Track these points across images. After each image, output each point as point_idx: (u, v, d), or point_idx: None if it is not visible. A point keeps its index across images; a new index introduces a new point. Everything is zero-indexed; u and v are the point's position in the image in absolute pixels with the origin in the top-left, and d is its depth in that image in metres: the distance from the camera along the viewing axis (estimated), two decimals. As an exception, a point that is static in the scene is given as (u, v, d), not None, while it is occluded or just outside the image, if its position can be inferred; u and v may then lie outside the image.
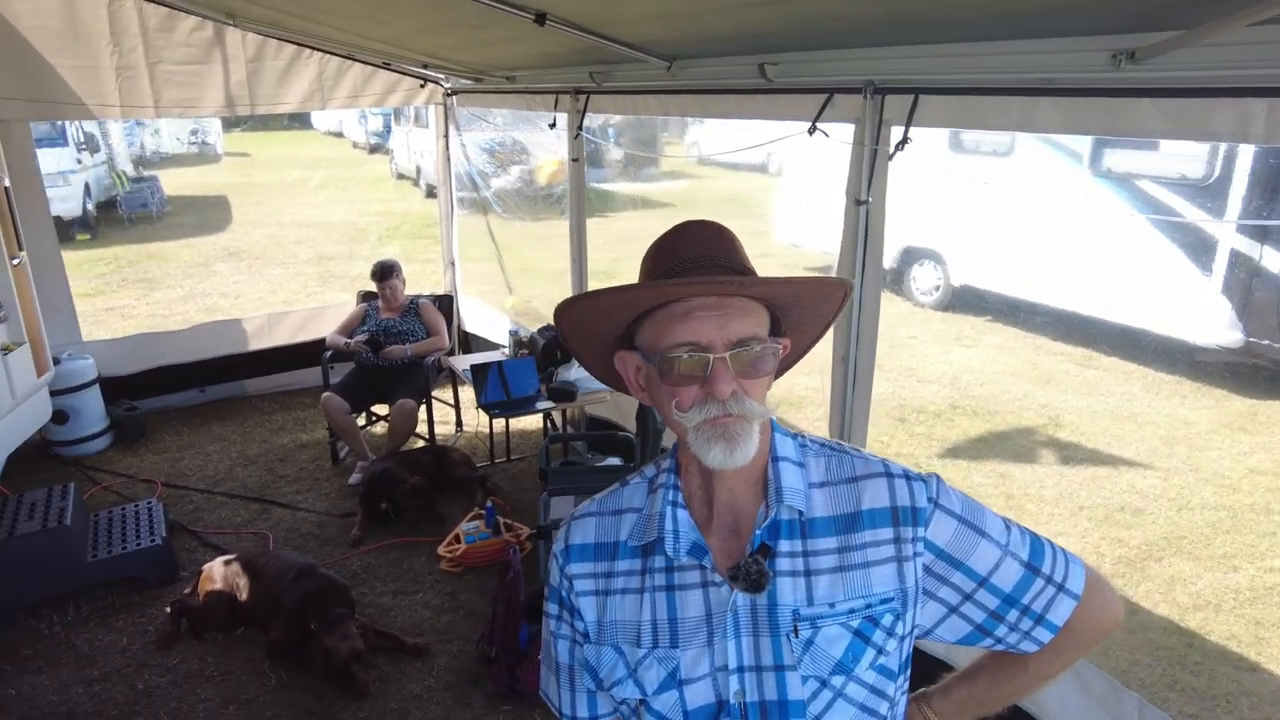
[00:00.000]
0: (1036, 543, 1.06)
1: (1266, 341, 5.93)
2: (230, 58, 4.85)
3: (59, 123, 11.36)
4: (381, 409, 5.06)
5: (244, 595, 3.45)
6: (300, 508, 4.49)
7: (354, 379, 4.90)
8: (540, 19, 2.82)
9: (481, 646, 3.26)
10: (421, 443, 4.98)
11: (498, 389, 4.27)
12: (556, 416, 4.81)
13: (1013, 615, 1.03)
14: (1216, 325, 6.05)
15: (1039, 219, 6.98)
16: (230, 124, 20.87)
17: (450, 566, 3.88)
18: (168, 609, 3.52)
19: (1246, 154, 5.75)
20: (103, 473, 4.89)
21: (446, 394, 5.44)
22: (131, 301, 9.11)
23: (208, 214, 13.77)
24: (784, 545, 1.00)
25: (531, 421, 5.33)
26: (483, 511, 4.03)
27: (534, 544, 3.87)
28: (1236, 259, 5.90)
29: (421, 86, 5.62)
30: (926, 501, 1.02)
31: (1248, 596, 3.73)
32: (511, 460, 5.02)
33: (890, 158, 2.33)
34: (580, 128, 4.05)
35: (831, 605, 0.98)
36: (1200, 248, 6.07)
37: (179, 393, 5.78)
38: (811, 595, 0.98)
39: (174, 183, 15.39)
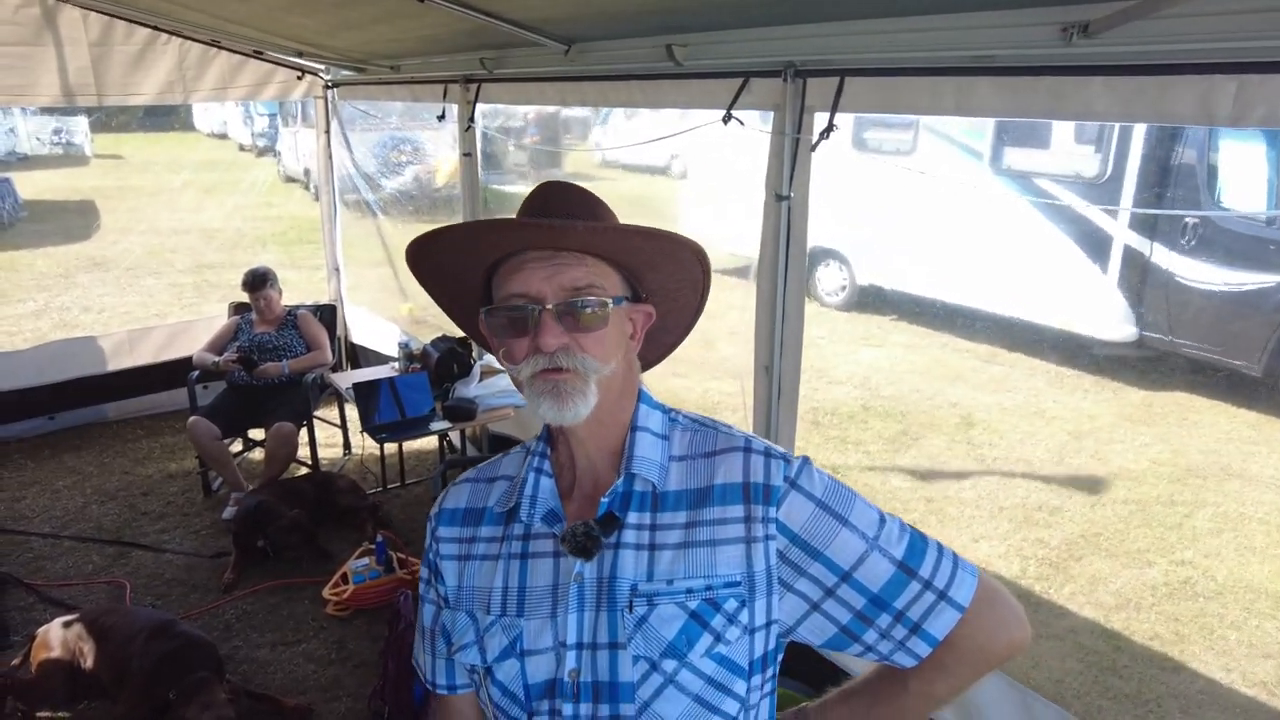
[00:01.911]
0: (918, 542, 0.96)
1: (1157, 335, 6.10)
2: (67, 40, 4.25)
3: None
4: (258, 433, 4.56)
5: (89, 662, 2.94)
6: (165, 549, 3.97)
7: (225, 400, 4.39)
8: (418, -8, 2.48)
9: (374, 704, 2.87)
10: (304, 469, 4.51)
11: (391, 408, 3.86)
12: (455, 437, 4.43)
13: (883, 620, 0.94)
14: (1113, 320, 6.20)
15: (940, 218, 7.01)
16: (99, 124, 19.33)
17: (337, 610, 3.46)
18: (-10, 684, 2.98)
19: (1136, 152, 5.89)
20: (-81, 520, 4.22)
21: (332, 413, 4.97)
22: (-28, 318, 8.15)
23: (71, 220, 12.59)
24: (632, 517, 0.96)
25: (427, 442, 4.93)
26: (373, 546, 3.63)
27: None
28: (1129, 255, 6.05)
29: (299, 78, 5.13)
30: (782, 480, 0.95)
31: (1164, 593, 3.72)
32: (406, 485, 4.62)
33: (813, 147, 2.11)
34: (471, 119, 3.70)
35: (669, 582, 0.93)
36: (1096, 245, 6.20)
37: (22, 421, 5.09)
38: (652, 570, 0.94)
39: (33, 185, 14.03)
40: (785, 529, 0.94)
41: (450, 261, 0.99)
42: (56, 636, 3.02)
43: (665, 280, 1.01)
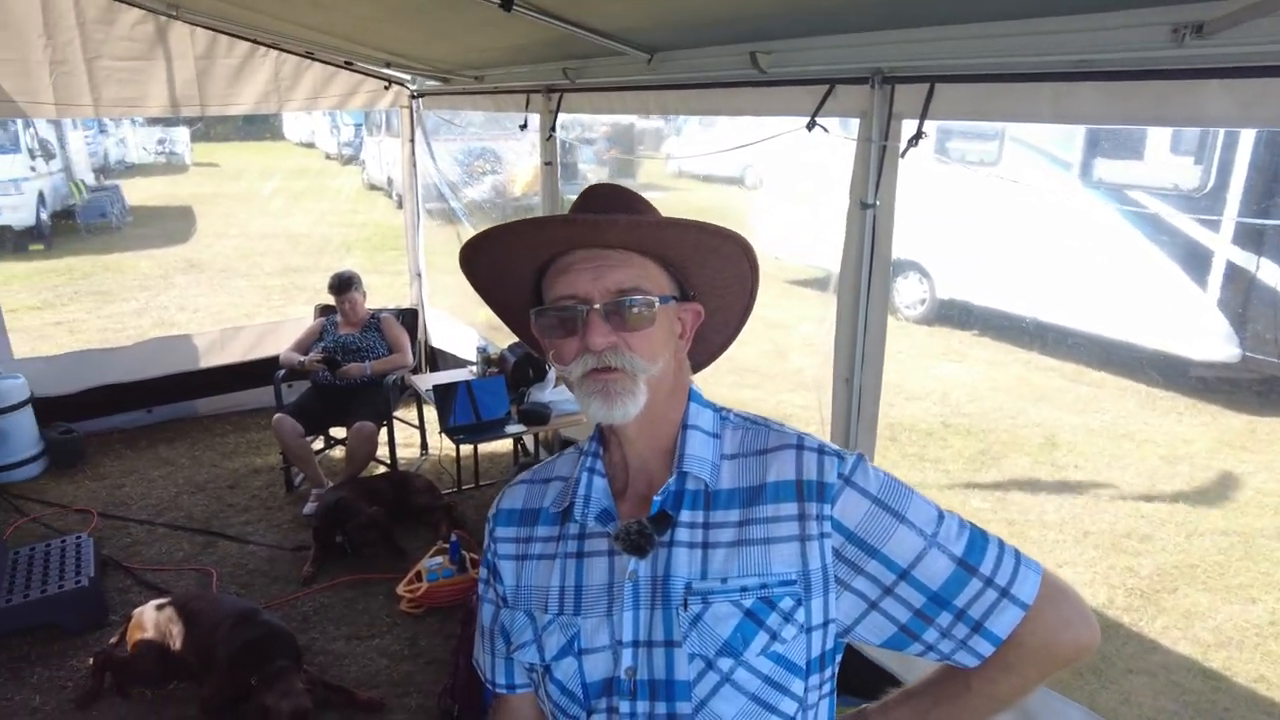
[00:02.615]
0: (978, 539, 0.94)
1: (1263, 356, 5.75)
2: (176, 54, 4.50)
3: (11, 129, 10.91)
4: (339, 432, 4.71)
5: (177, 644, 3.08)
6: (249, 540, 4.13)
7: (309, 399, 4.55)
8: (506, 3, 2.53)
9: (443, 702, 2.92)
10: (382, 468, 4.63)
11: (466, 411, 3.94)
12: (529, 440, 4.49)
13: (944, 619, 0.92)
14: (1212, 340, 5.86)
15: (1027, 230, 6.77)
16: (199, 134, 20.39)
17: (410, 607, 3.53)
18: (90, 660, 3.15)
19: (1243, 162, 5.58)
20: (32, 503, 4.48)
21: (410, 414, 5.09)
22: (82, 315, 8.65)
23: (171, 225, 13.28)
24: (685, 515, 0.96)
25: (503, 444, 5.00)
26: (447, 546, 3.69)
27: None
28: (1233, 271, 5.72)
29: (386, 88, 5.30)
30: (836, 477, 0.94)
31: (1271, 632, 3.48)
32: (480, 487, 4.68)
33: (902, 154, 2.06)
34: (553, 128, 3.76)
35: (724, 580, 0.92)
36: (1195, 260, 5.88)
37: (123, 413, 5.38)
38: (706, 569, 0.93)
39: (138, 193, 14.87)
40: (840, 526, 0.93)
41: (501, 262, 1.01)
42: (150, 618, 3.17)
43: (712, 277, 1.01)
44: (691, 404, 1.02)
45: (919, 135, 2.01)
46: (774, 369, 6.13)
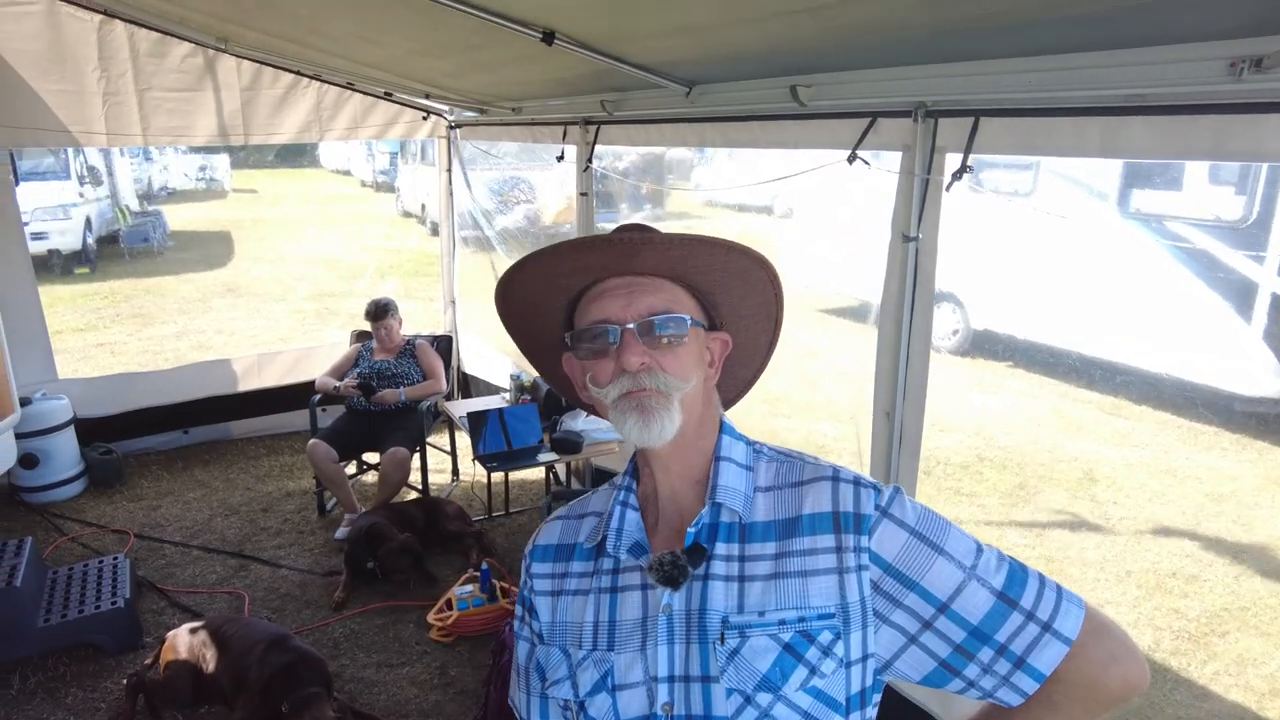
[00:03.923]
0: (1018, 572, 0.93)
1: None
2: (223, 85, 4.62)
3: (61, 156, 11.25)
4: (372, 457, 4.73)
5: (210, 668, 3.09)
6: (281, 564, 4.15)
7: (344, 424, 4.58)
8: (548, 38, 2.56)
9: (472, 732, 2.90)
10: (414, 494, 4.64)
11: (498, 438, 3.94)
12: (560, 469, 4.48)
13: (985, 654, 0.90)
14: (1258, 374, 5.72)
15: (1061, 262, 6.69)
16: (239, 161, 20.90)
17: (440, 636, 3.52)
18: (125, 682, 3.16)
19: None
20: (71, 522, 4.55)
21: (442, 440, 5.11)
22: (123, 338, 8.84)
23: (210, 249, 13.59)
24: (720, 548, 0.95)
25: (531, 472, 4.99)
26: (477, 574, 3.68)
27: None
28: (1279, 305, 5.60)
29: (424, 119, 5.40)
30: (873, 509, 0.93)
31: (1328, 681, 3.35)
32: (510, 514, 4.68)
33: (947, 188, 2.04)
34: (590, 160, 3.79)
35: (761, 614, 0.91)
36: (1239, 293, 5.77)
37: (161, 434, 5.46)
38: (743, 602, 0.92)
39: (179, 218, 15.26)
40: (878, 559, 0.92)
41: (536, 293, 1.03)
42: (184, 641, 3.18)
43: (738, 305, 1.03)
44: (724, 436, 1.03)
45: (964, 169, 2.00)
46: (806, 399, 6.08)
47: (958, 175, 2.01)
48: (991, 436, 6.05)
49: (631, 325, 0.94)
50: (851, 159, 2.30)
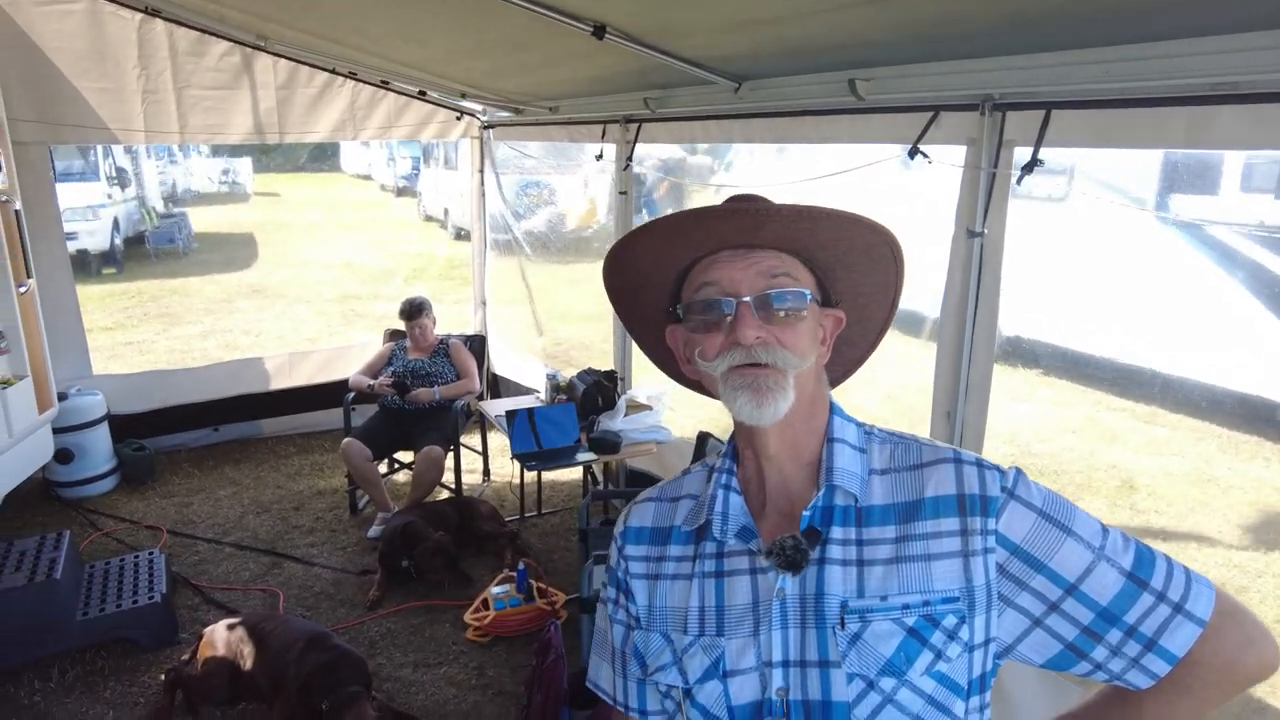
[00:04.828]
0: (1145, 553, 0.91)
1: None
2: (260, 84, 4.65)
3: (91, 157, 11.37)
4: (405, 456, 4.72)
5: (248, 665, 3.07)
6: (315, 563, 4.13)
7: (377, 423, 4.58)
8: (599, 32, 2.54)
9: (513, 734, 2.86)
10: (446, 493, 4.63)
11: (527, 438, 3.90)
12: (596, 469, 4.45)
13: (1114, 636, 0.88)
14: (1301, 382, 5.61)
15: (1095, 267, 6.61)
16: (261, 165, 21.08)
17: (477, 636, 3.49)
18: (162, 677, 3.15)
19: (1333, 200, 5.38)
20: (105, 517, 4.57)
21: (473, 440, 5.10)
22: (151, 336, 8.90)
23: (234, 251, 13.69)
24: (837, 532, 0.93)
25: (564, 472, 4.96)
26: (513, 574, 3.65)
27: (572, 612, 3.47)
28: (1322, 311, 5.49)
29: (458, 119, 5.40)
30: (1000, 491, 0.90)
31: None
32: (543, 515, 4.65)
33: (1018, 181, 2.00)
34: (630, 158, 3.77)
35: (884, 598, 0.89)
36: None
37: (191, 431, 5.48)
38: (863, 586, 0.90)
39: (203, 220, 15.38)
40: (1006, 541, 0.90)
41: (645, 264, 1.00)
42: (221, 637, 3.17)
43: (858, 282, 1.00)
44: (835, 417, 0.99)
45: (1034, 163, 1.95)
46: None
47: (1028, 169, 1.96)
48: (1026, 444, 5.97)
49: (748, 298, 0.91)
50: (913, 153, 2.26)
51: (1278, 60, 1.51)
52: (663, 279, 1.00)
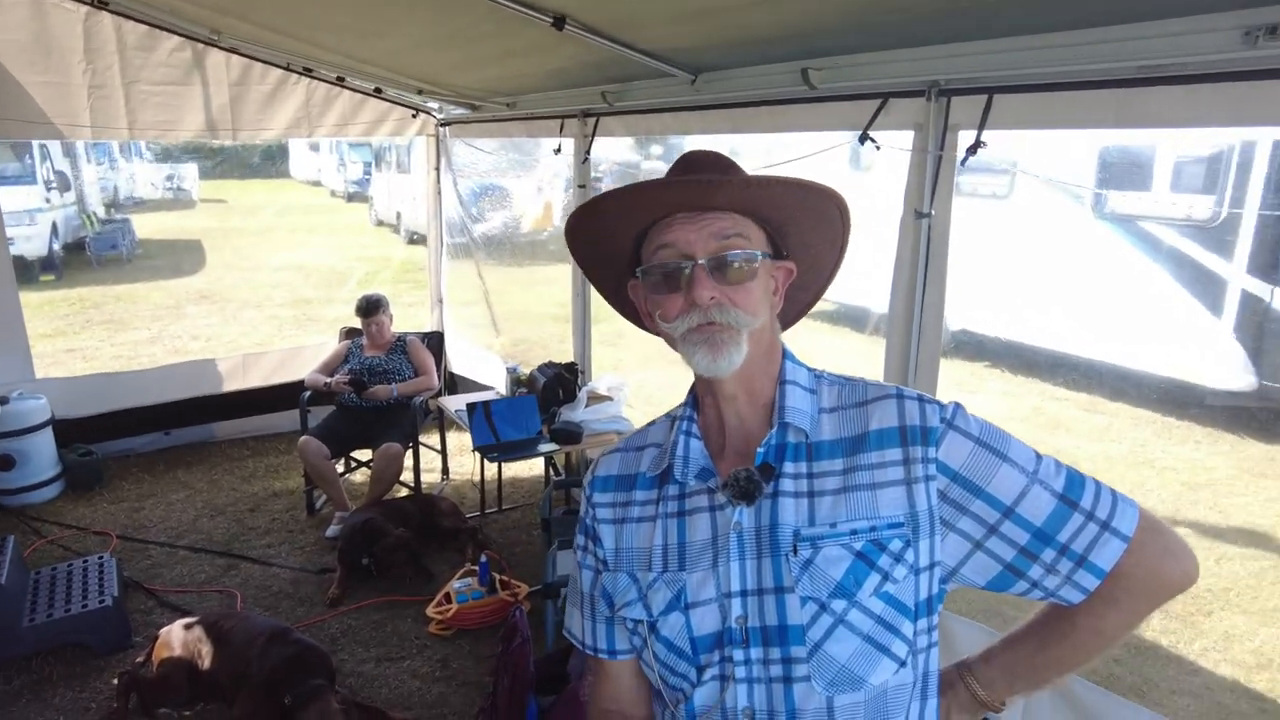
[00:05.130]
0: (1075, 476, 0.96)
1: None
2: (212, 80, 4.58)
3: (27, 160, 11.00)
4: (364, 454, 4.68)
5: (206, 663, 3.02)
6: (272, 563, 4.08)
7: (335, 421, 4.53)
8: (559, 23, 2.59)
9: (481, 722, 2.86)
10: (405, 491, 4.60)
11: (485, 432, 3.89)
12: (557, 462, 4.46)
13: (1048, 554, 0.94)
14: (1229, 369, 5.89)
15: (1037, 262, 6.85)
16: (207, 171, 20.62)
17: (440, 629, 3.48)
18: (115, 681, 3.08)
19: (1256, 193, 5.67)
20: (50, 524, 4.43)
21: (432, 439, 5.07)
22: (94, 343, 8.65)
23: (181, 257, 13.36)
24: (789, 467, 0.98)
25: (523, 468, 4.97)
26: (475, 567, 3.65)
27: (536, 602, 3.48)
28: (1248, 300, 5.78)
29: (413, 116, 5.38)
30: (939, 422, 0.96)
31: (1311, 655, 3.45)
32: (503, 510, 4.65)
33: (963, 162, 2.09)
34: (588, 152, 3.81)
35: (833, 525, 0.94)
36: (1210, 290, 5.94)
37: (141, 436, 5.34)
38: (814, 516, 0.95)
39: (147, 227, 14.99)
40: (945, 468, 0.95)
41: (605, 227, 1.04)
42: (178, 637, 3.11)
43: (806, 236, 1.04)
44: (787, 362, 1.05)
45: (978, 144, 2.05)
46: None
47: (972, 150, 2.06)
48: (975, 433, 6.14)
49: (703, 260, 0.95)
50: (863, 139, 2.34)
51: (1196, 44, 1.62)
52: (624, 238, 1.04)
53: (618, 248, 1.05)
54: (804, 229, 1.04)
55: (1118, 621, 0.97)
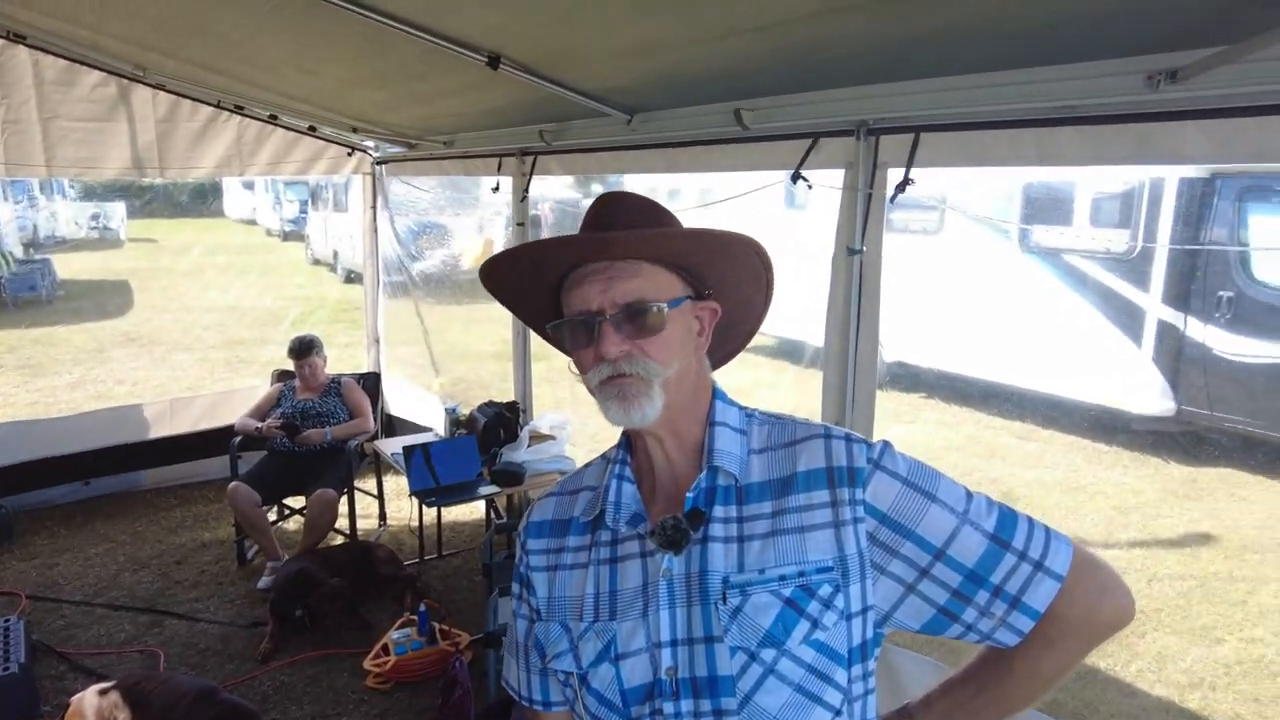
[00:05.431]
0: (1008, 515, 0.95)
1: (1196, 409, 6.03)
2: (138, 117, 4.44)
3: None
4: (297, 501, 4.51)
5: (125, 730, 2.84)
6: (199, 618, 3.88)
7: (266, 467, 4.37)
8: (494, 62, 2.59)
9: (420, 778, 2.75)
10: (341, 539, 4.44)
11: (424, 475, 3.79)
12: (499, 504, 4.37)
13: (981, 596, 0.92)
14: (1150, 394, 6.14)
15: (968, 295, 7.07)
16: (135, 210, 19.99)
17: (378, 682, 3.34)
18: (23, 754, 2.88)
19: (1166, 227, 5.97)
20: (-48, 587, 4.15)
21: (369, 484, 4.93)
22: (8, 389, 8.22)
23: (106, 298, 12.85)
24: (719, 511, 0.96)
25: (464, 512, 4.87)
26: (414, 617, 3.53)
27: (478, 652, 3.38)
28: (1164, 329, 6.04)
29: (349, 154, 5.31)
30: (866, 461, 0.94)
31: (1239, 671, 3.56)
32: (444, 556, 4.53)
33: (892, 200, 2.14)
34: (526, 190, 3.80)
35: (761, 571, 0.92)
36: (1129, 319, 6.21)
37: (58, 486, 5.06)
38: (742, 561, 0.93)
39: (70, 267, 14.38)
40: (873, 510, 0.93)
41: (520, 281, 1.05)
42: (91, 704, 2.92)
43: (725, 275, 1.02)
44: (717, 402, 1.03)
45: (906, 182, 2.10)
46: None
47: (900, 188, 2.11)
48: (915, 463, 6.24)
49: (609, 315, 0.94)
50: (795, 178, 2.39)
51: (1106, 87, 1.70)
52: (540, 290, 1.04)
53: (539, 300, 1.05)
54: (720, 269, 1.02)
55: (1054, 663, 0.96)
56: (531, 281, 1.03)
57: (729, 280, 1.03)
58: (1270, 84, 1.48)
